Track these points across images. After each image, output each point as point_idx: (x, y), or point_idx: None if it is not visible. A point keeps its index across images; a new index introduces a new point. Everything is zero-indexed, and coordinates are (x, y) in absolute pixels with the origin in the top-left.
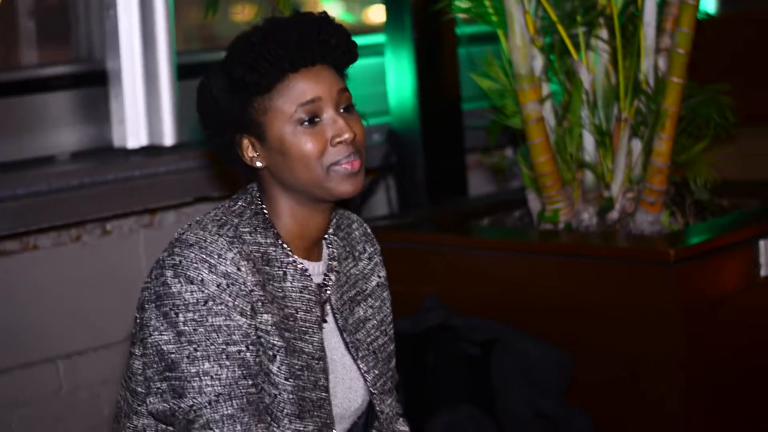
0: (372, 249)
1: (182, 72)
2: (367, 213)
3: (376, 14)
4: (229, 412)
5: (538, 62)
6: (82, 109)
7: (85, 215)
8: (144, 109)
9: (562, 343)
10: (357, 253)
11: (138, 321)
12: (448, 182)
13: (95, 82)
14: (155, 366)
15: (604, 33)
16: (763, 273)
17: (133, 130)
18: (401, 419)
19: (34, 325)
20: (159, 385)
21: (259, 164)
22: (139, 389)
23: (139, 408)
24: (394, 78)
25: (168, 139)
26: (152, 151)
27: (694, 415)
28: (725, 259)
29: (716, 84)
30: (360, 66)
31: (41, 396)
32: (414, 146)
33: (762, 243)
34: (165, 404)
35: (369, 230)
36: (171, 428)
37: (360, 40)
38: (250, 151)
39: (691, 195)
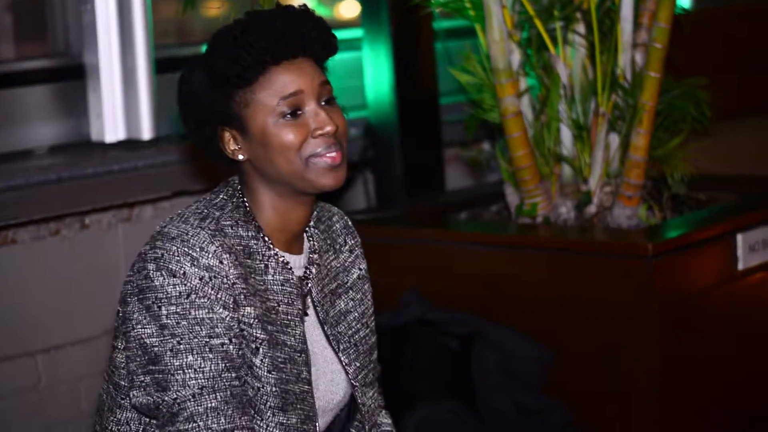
0: (353, 241)
1: (160, 66)
2: (345, 207)
3: (348, 9)
4: (213, 404)
5: (516, 57)
6: (60, 104)
7: (64, 209)
8: (122, 103)
9: (541, 337)
10: (338, 246)
11: (120, 314)
12: (425, 176)
13: (73, 76)
14: (138, 359)
15: (581, 28)
16: (740, 266)
17: (110, 124)
18: (383, 411)
19: (13, 318)
20: (142, 379)
21: (240, 157)
22: (123, 383)
23: (123, 401)
24: (372, 72)
25: (146, 133)
26: (130, 145)
27: (672, 408)
28: (703, 252)
29: (693, 78)
30: (336, 60)
31: (20, 390)
32: (391, 140)
33: (740, 236)
34: (149, 397)
35: (350, 223)
36: (155, 421)
37: (336, 35)
38: (231, 144)
39: (668, 189)
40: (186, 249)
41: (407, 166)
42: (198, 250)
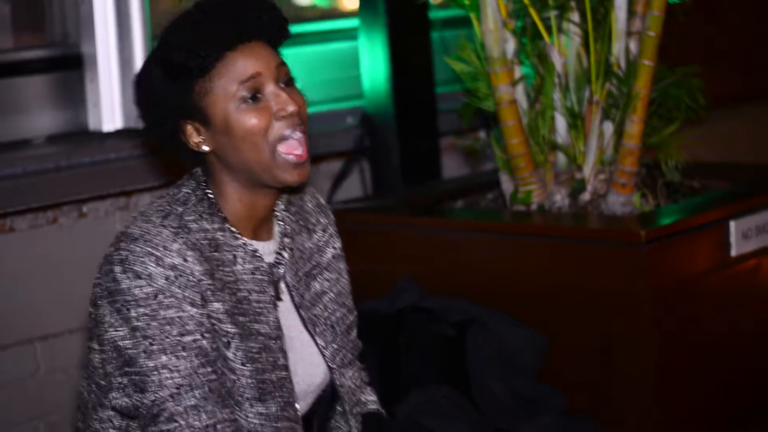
0: (326, 220)
1: None
2: (341, 196)
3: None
4: (192, 402)
5: (511, 45)
6: (58, 93)
7: (61, 198)
8: (119, 93)
9: (535, 324)
10: (311, 226)
11: (93, 317)
12: (421, 165)
13: (70, 66)
14: (114, 362)
15: (575, 16)
16: (733, 253)
17: (108, 113)
18: (368, 388)
19: (11, 306)
20: (120, 380)
21: (205, 148)
22: (103, 382)
23: (104, 400)
24: (368, 62)
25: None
26: (127, 134)
27: (666, 395)
28: (696, 239)
29: (686, 66)
30: (334, 50)
31: (19, 377)
32: (388, 129)
33: (732, 223)
34: (127, 399)
35: (322, 201)
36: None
37: (333, 25)
38: (194, 137)
39: (662, 176)
40: (149, 249)
41: (404, 155)
42: (161, 249)
